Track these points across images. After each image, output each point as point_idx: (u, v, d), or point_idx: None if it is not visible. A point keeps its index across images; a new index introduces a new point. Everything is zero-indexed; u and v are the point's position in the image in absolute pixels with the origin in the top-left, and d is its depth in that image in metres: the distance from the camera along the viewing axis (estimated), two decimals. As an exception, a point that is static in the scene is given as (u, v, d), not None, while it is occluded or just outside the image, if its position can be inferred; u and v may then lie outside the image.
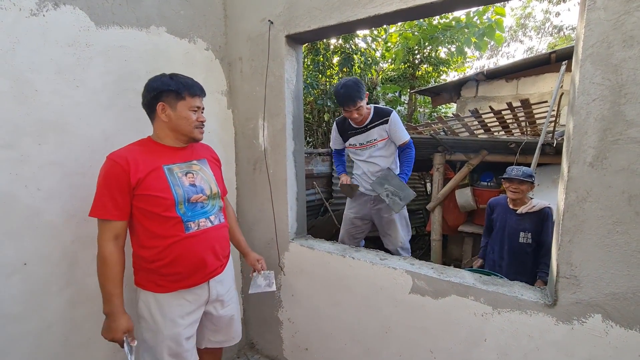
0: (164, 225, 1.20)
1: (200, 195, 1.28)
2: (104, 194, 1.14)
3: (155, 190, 1.18)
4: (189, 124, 1.26)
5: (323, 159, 3.97)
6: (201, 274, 1.30)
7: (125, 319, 1.19)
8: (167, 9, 1.59)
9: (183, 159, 1.30)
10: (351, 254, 1.70)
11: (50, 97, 1.22)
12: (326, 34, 1.75)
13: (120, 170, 1.14)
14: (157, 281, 1.24)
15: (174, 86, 1.22)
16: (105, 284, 1.16)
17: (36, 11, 1.17)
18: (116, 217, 1.16)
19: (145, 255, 1.23)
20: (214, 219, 1.34)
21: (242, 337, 2.20)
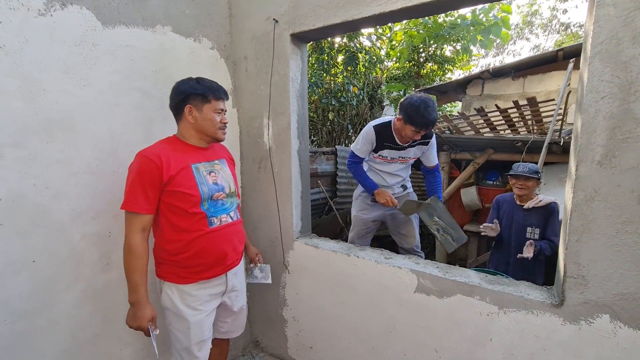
0: (189, 220, 1.28)
1: (221, 193, 1.36)
2: (136, 188, 1.20)
3: (184, 187, 1.26)
4: (213, 125, 1.33)
5: (327, 157, 3.97)
6: (222, 266, 1.38)
7: (150, 308, 1.25)
8: (173, 8, 1.60)
9: (207, 159, 1.37)
10: (356, 252, 1.70)
11: (57, 97, 1.24)
12: (331, 33, 1.74)
13: (154, 166, 1.21)
14: (180, 273, 1.31)
15: (201, 90, 1.30)
16: (133, 274, 1.21)
17: (44, 11, 1.18)
18: (146, 211, 1.22)
19: (170, 249, 1.29)
20: (233, 215, 1.42)
21: (247, 335, 2.22)
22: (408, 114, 1.93)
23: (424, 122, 1.92)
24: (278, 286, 2.00)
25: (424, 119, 1.91)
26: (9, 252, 1.15)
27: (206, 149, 1.39)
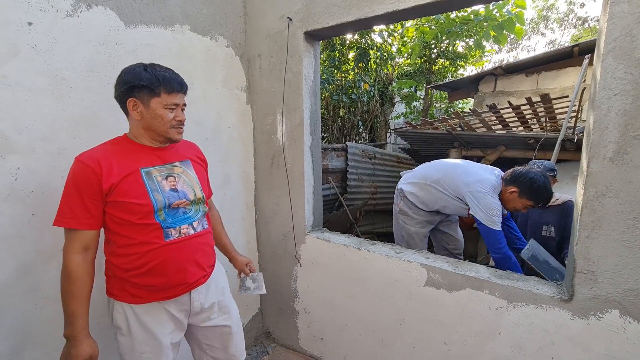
0: (140, 232, 1.09)
1: (183, 200, 1.16)
2: (72, 200, 1.02)
3: (130, 197, 1.06)
4: (163, 123, 1.11)
5: (338, 154, 3.99)
6: (182, 285, 1.17)
7: (89, 343, 1.05)
8: (190, 7, 1.65)
9: (163, 161, 1.17)
10: (367, 247, 1.73)
11: (83, 94, 1.30)
12: (344, 30, 1.77)
13: (91, 173, 1.02)
14: (132, 291, 1.12)
15: (146, 81, 1.07)
16: (69, 302, 1.02)
17: (71, 12, 1.24)
18: (86, 227, 1.03)
19: (119, 264, 1.11)
20: (197, 225, 1.21)
21: (259, 326, 2.28)
22: (532, 190, 1.87)
23: (547, 199, 1.90)
24: (290, 279, 2.05)
25: (548, 195, 1.88)
26: (39, 242, 1.22)
27: (163, 149, 1.18)
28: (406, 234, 2.37)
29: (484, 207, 1.95)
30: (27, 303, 1.22)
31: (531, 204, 1.91)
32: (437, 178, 2.20)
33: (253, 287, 1.54)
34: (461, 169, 2.16)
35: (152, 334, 1.15)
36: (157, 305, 1.15)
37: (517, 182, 1.92)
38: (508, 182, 1.96)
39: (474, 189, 1.99)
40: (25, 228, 1.19)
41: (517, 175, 1.92)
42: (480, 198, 1.96)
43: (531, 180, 1.86)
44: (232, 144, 1.95)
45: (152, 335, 1.15)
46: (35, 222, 1.21)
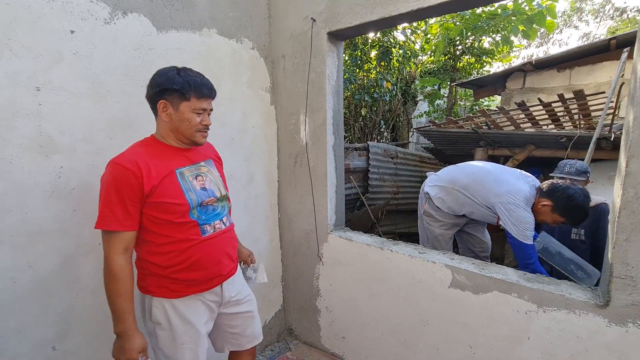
0: (179, 230, 1.15)
1: (211, 198, 1.22)
2: (113, 202, 1.05)
3: (169, 197, 1.11)
4: (190, 126, 1.15)
5: (359, 153, 3.98)
6: (218, 277, 1.25)
7: (139, 337, 1.10)
8: (218, 11, 1.70)
9: (191, 161, 1.22)
10: (389, 246, 1.73)
11: (119, 97, 1.37)
12: (367, 30, 1.77)
13: (132, 175, 1.06)
14: (171, 287, 1.17)
15: (178, 85, 1.11)
16: (117, 300, 1.07)
17: (109, 20, 1.32)
18: (128, 228, 1.08)
19: (159, 261, 1.15)
20: (226, 220, 1.29)
21: (282, 323, 2.32)
22: (568, 208, 1.76)
23: (581, 220, 1.80)
24: (312, 277, 2.08)
25: (583, 216, 1.78)
26: (80, 236, 1.31)
27: (189, 150, 1.23)
28: (431, 236, 2.34)
29: (515, 220, 1.85)
30: (69, 293, 1.30)
31: (562, 220, 1.82)
32: (465, 184, 2.12)
33: (254, 276, 1.59)
34: (492, 176, 2.06)
35: (191, 324, 1.21)
36: (194, 297, 1.22)
37: (553, 196, 1.81)
38: (544, 194, 1.85)
39: (505, 200, 1.89)
40: (68, 223, 1.28)
41: (556, 189, 1.81)
42: (511, 210, 1.87)
43: (569, 198, 1.75)
44: (257, 143, 2.00)
45: (191, 325, 1.21)
46: (76, 218, 1.29)
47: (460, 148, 3.89)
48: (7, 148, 1.12)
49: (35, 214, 1.20)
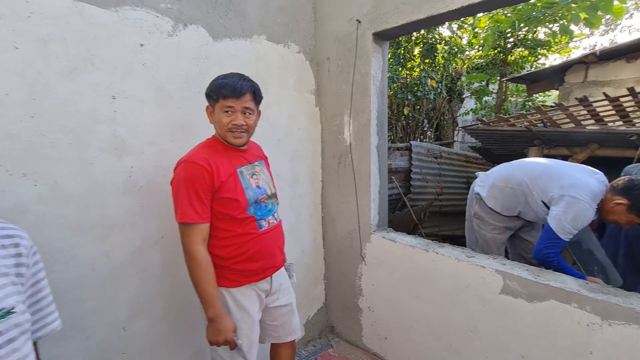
0: (239, 225, 1.24)
1: (264, 195, 1.32)
2: (192, 197, 1.15)
3: (233, 194, 1.22)
4: (221, 127, 1.24)
5: (401, 153, 3.91)
6: (271, 268, 1.36)
7: (230, 318, 1.21)
8: (267, 18, 1.78)
9: (247, 161, 1.33)
10: (435, 249, 1.69)
11: (180, 103, 1.49)
12: (414, 28, 1.74)
13: (205, 172, 1.16)
14: (229, 276, 1.27)
15: (209, 89, 1.23)
16: (206, 288, 1.17)
17: (172, 32, 1.44)
18: (204, 220, 1.18)
19: (220, 253, 1.25)
20: (277, 216, 1.40)
21: (324, 320, 2.36)
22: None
23: None
24: (354, 276, 2.10)
25: None
26: (147, 229, 1.45)
27: (244, 151, 1.33)
28: (481, 240, 2.23)
29: (572, 216, 1.69)
30: (137, 280, 1.45)
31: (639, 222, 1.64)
32: (520, 180, 2.00)
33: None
34: (553, 170, 1.90)
35: (247, 312, 1.31)
36: (249, 287, 1.32)
37: (630, 194, 1.63)
38: (618, 191, 1.67)
39: (568, 193, 1.73)
40: (137, 217, 1.42)
41: (634, 186, 1.63)
42: (572, 204, 1.70)
43: None
44: (302, 144, 2.06)
45: (247, 313, 1.31)
46: (144, 213, 1.43)
47: (512, 147, 3.67)
48: (89, 150, 1.27)
49: (111, 209, 1.35)
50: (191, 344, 1.62)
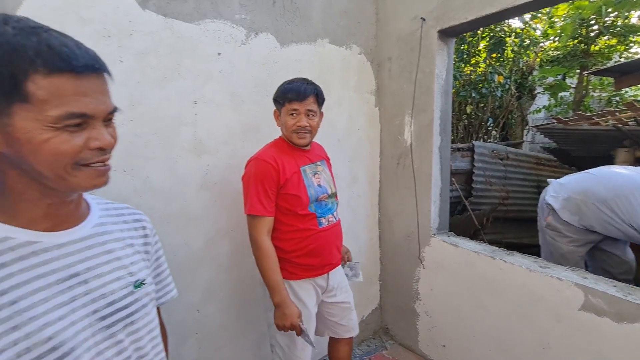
0: (300, 220, 1.32)
1: (325, 194, 1.39)
2: (259, 192, 1.26)
3: (296, 191, 1.30)
4: (286, 128, 1.32)
5: (463, 154, 3.72)
6: (328, 265, 1.41)
7: (295, 305, 1.27)
8: (330, 22, 1.82)
9: (311, 160, 1.40)
10: (503, 256, 1.59)
11: (250, 106, 1.60)
12: (484, 23, 1.66)
13: (273, 169, 1.26)
14: (289, 269, 1.34)
15: (276, 95, 1.34)
16: (272, 275, 1.25)
17: (244, 40, 1.55)
18: (270, 214, 1.28)
19: (282, 246, 1.33)
20: (336, 215, 1.46)
21: (378, 321, 2.35)
22: None
23: None
24: (411, 279, 2.05)
25: None
26: (219, 222, 1.58)
27: (308, 151, 1.41)
28: (557, 253, 2.03)
29: None
30: (210, 268, 1.59)
31: None
32: (604, 197, 1.77)
33: (350, 274, 1.65)
34: None
35: (305, 304, 1.37)
36: (308, 281, 1.39)
37: None
38: None
39: None
40: (211, 211, 1.56)
41: None
42: None
43: None
44: (360, 145, 2.07)
45: (305, 305, 1.37)
46: (216, 207, 1.57)
47: (594, 149, 3.27)
48: (175, 149, 1.43)
49: (190, 203, 1.50)
50: (253, 331, 1.74)
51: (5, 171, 0.49)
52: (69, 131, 0.48)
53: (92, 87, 0.49)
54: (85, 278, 0.54)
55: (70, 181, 0.50)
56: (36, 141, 0.46)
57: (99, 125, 0.52)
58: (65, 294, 0.52)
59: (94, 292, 0.55)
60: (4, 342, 0.45)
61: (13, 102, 0.45)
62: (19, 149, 0.46)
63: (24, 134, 0.45)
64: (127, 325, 0.58)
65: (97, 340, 0.54)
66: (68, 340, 0.49)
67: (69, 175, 0.49)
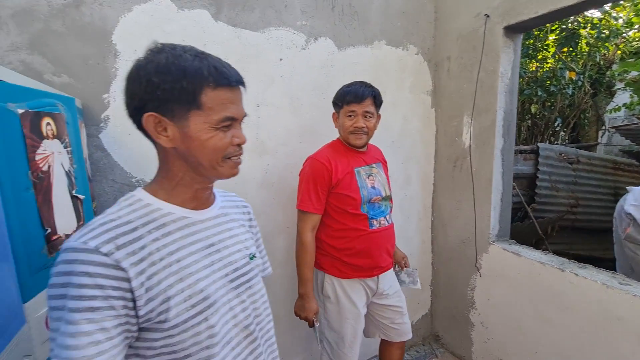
0: (351, 220, 1.36)
1: (378, 196, 1.40)
2: (310, 189, 1.33)
3: (348, 191, 1.34)
4: (344, 130, 1.37)
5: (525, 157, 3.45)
6: (377, 268, 1.42)
7: (315, 301, 1.36)
8: (387, 23, 1.82)
9: (366, 162, 1.42)
10: (573, 269, 1.47)
11: (308, 109, 1.67)
12: (558, 17, 1.54)
13: (325, 169, 1.32)
14: (340, 267, 1.39)
15: (335, 98, 1.38)
16: (304, 268, 1.34)
17: (305, 46, 1.62)
18: (317, 211, 1.34)
19: (334, 244, 1.38)
20: (389, 218, 1.45)
21: (428, 327, 2.29)
22: None
23: None
24: (466, 287, 1.97)
25: None
26: (276, 219, 1.67)
27: (364, 153, 1.44)
28: (638, 267, 1.84)
29: None
30: (267, 262, 1.68)
31: None
32: None
33: (408, 280, 1.65)
34: None
35: (354, 303, 1.41)
36: (357, 281, 1.42)
37: None
38: None
39: None
40: (269, 208, 1.65)
41: None
42: None
43: None
44: (415, 146, 2.04)
45: (354, 304, 1.41)
46: (274, 204, 1.65)
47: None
48: (239, 150, 1.53)
49: (250, 200, 1.57)
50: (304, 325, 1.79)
51: (173, 161, 0.63)
52: (223, 131, 0.61)
53: (237, 96, 0.64)
54: (218, 248, 0.68)
55: (219, 170, 0.64)
56: (203, 138, 0.60)
57: (238, 126, 0.66)
58: (207, 259, 0.65)
59: (225, 260, 0.68)
60: (175, 290, 0.58)
61: (191, 110, 0.59)
62: (189, 144, 0.60)
63: (195, 133, 0.59)
64: (247, 289, 0.71)
65: (229, 298, 0.67)
66: (212, 294, 0.63)
67: (218, 165, 0.63)
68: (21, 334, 0.62)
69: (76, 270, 0.50)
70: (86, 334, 0.49)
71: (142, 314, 0.55)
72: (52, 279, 0.52)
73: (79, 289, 0.49)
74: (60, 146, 0.81)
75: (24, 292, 0.65)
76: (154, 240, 0.58)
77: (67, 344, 0.48)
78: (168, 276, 0.58)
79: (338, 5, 1.67)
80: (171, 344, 0.57)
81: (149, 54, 0.59)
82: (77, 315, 0.49)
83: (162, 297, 0.56)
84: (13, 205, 0.64)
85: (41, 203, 0.72)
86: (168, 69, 0.56)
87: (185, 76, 0.57)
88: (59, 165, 0.81)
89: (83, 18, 1.22)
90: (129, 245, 0.55)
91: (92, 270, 0.50)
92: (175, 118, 0.59)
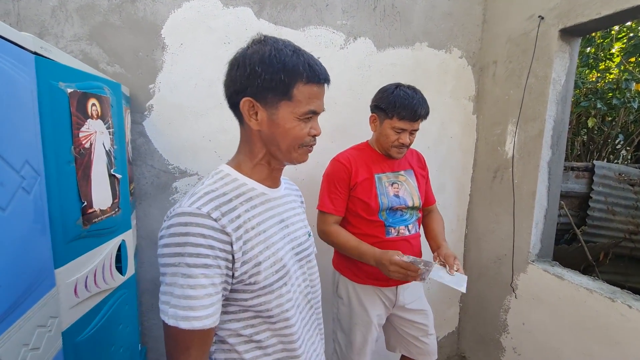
0: (367, 225, 1.30)
1: (402, 205, 1.32)
2: (331, 191, 1.30)
3: (364, 196, 1.29)
4: (387, 142, 1.28)
5: (577, 174, 3.17)
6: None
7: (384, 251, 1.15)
8: (431, 25, 1.76)
9: (392, 169, 1.35)
10: (627, 300, 1.31)
11: (342, 108, 1.65)
12: (624, 19, 1.40)
13: (344, 170, 1.30)
14: (355, 272, 1.34)
15: (385, 104, 1.24)
16: (353, 251, 1.23)
17: (343, 45, 1.61)
18: (337, 213, 1.30)
19: None
20: (412, 228, 1.36)
21: (454, 346, 2.17)
22: None
23: None
24: (499, 308, 1.84)
25: None
26: (302, 216, 1.67)
27: (393, 159, 1.36)
28: None
29: None
30: (290, 259, 1.68)
31: None
32: None
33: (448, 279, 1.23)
34: None
35: (366, 310, 1.35)
36: (372, 288, 1.36)
37: None
38: None
39: None
40: (296, 205, 1.65)
41: None
42: None
43: None
44: (452, 154, 1.95)
45: (365, 311, 1.35)
46: (301, 202, 1.66)
47: None
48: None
49: (279, 195, 1.61)
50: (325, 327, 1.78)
51: (255, 142, 0.70)
52: (305, 122, 0.68)
53: (322, 93, 0.70)
54: (287, 224, 0.75)
55: (293, 155, 0.70)
56: (287, 127, 0.66)
57: (316, 119, 0.72)
58: (281, 232, 0.72)
59: (292, 235, 0.75)
60: (264, 256, 0.66)
61: (282, 100, 0.65)
62: (274, 130, 0.67)
63: (281, 121, 0.66)
64: (307, 262, 0.80)
65: (295, 268, 0.74)
66: (287, 263, 0.70)
67: (294, 151, 0.69)
68: (49, 295, 0.66)
69: (193, 232, 0.57)
70: (203, 286, 0.57)
71: (237, 274, 0.62)
72: (167, 239, 0.59)
73: (196, 247, 0.57)
74: (103, 126, 0.87)
75: (56, 259, 0.69)
76: (246, 211, 0.66)
77: (187, 294, 0.56)
78: (258, 243, 0.65)
79: (380, 5, 1.65)
80: (258, 304, 0.65)
81: (254, 44, 0.66)
82: (195, 270, 0.57)
83: (254, 262, 0.64)
84: (54, 177, 0.69)
85: (80, 177, 0.77)
86: (271, 61, 0.62)
87: (284, 69, 0.62)
88: (100, 144, 0.86)
89: (137, 12, 1.31)
90: (229, 214, 0.62)
91: (205, 232, 0.58)
92: (268, 105, 0.65)
